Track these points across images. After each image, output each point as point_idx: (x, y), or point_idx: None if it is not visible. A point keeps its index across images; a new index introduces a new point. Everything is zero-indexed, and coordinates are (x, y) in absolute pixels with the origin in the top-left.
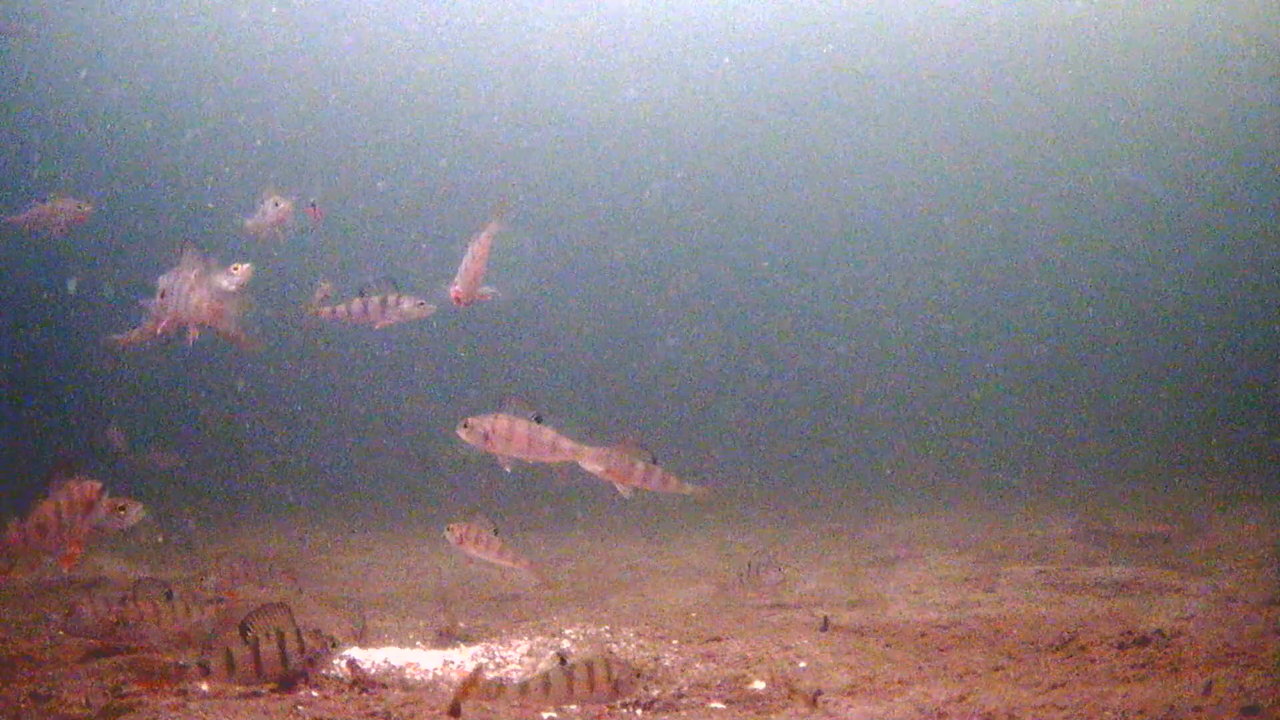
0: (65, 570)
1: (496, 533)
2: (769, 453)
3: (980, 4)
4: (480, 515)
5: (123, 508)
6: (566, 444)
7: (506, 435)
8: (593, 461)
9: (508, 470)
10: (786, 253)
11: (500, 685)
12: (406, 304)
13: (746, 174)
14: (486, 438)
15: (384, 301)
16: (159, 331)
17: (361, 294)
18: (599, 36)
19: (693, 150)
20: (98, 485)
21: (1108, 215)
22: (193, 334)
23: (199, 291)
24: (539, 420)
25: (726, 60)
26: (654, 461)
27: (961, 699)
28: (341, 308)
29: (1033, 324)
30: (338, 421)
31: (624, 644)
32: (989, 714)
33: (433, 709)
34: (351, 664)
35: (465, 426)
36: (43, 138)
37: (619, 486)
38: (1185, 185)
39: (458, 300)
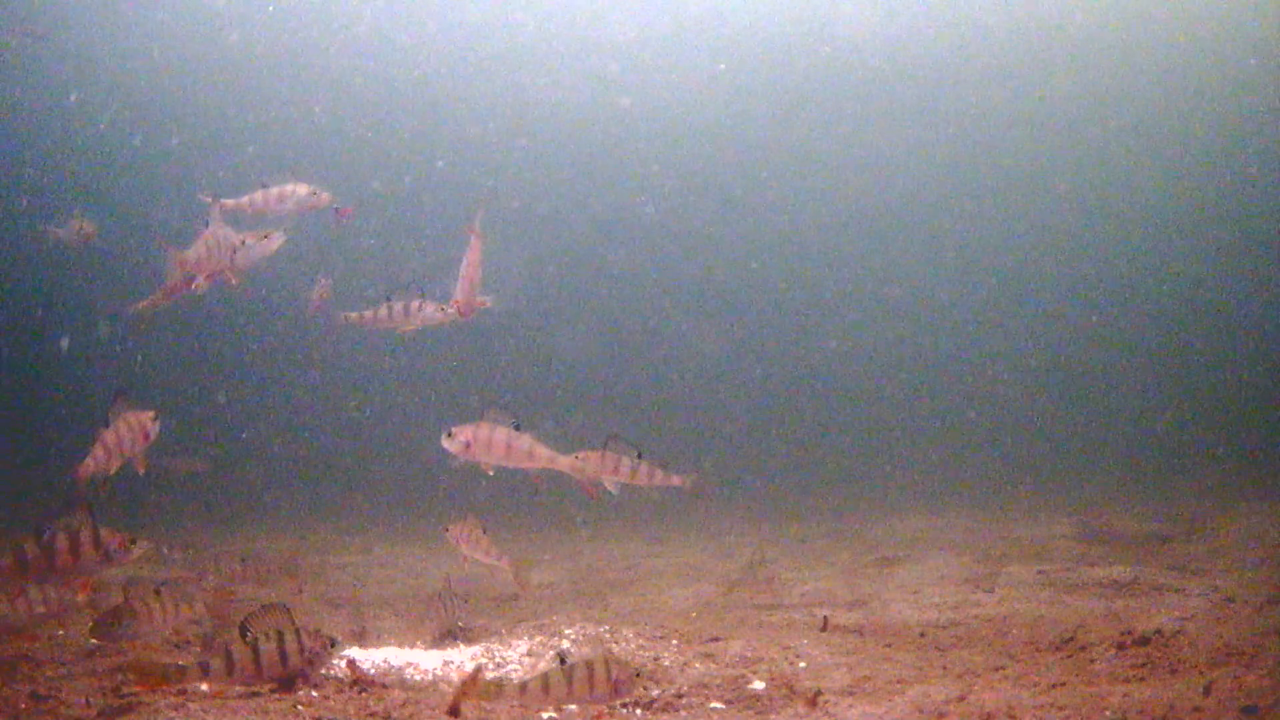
0: (80, 596)
1: (485, 532)
2: (769, 453)
3: (977, 6)
4: (472, 516)
5: (133, 540)
6: (543, 451)
7: (486, 443)
8: (567, 468)
9: (490, 474)
10: (785, 254)
11: (500, 685)
12: (429, 309)
13: (744, 178)
14: (468, 446)
15: (407, 307)
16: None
17: (390, 300)
18: (593, 45)
19: (688, 156)
20: (152, 414)
21: (1108, 215)
22: (201, 286)
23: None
24: (517, 428)
25: (722, 66)
26: (639, 457)
27: (961, 699)
28: (369, 313)
29: (1033, 324)
30: (338, 423)
31: (624, 644)
32: (989, 714)
33: (432, 709)
34: (351, 664)
35: (449, 436)
36: (33, 153)
37: (606, 483)
38: (1185, 185)
39: (459, 311)
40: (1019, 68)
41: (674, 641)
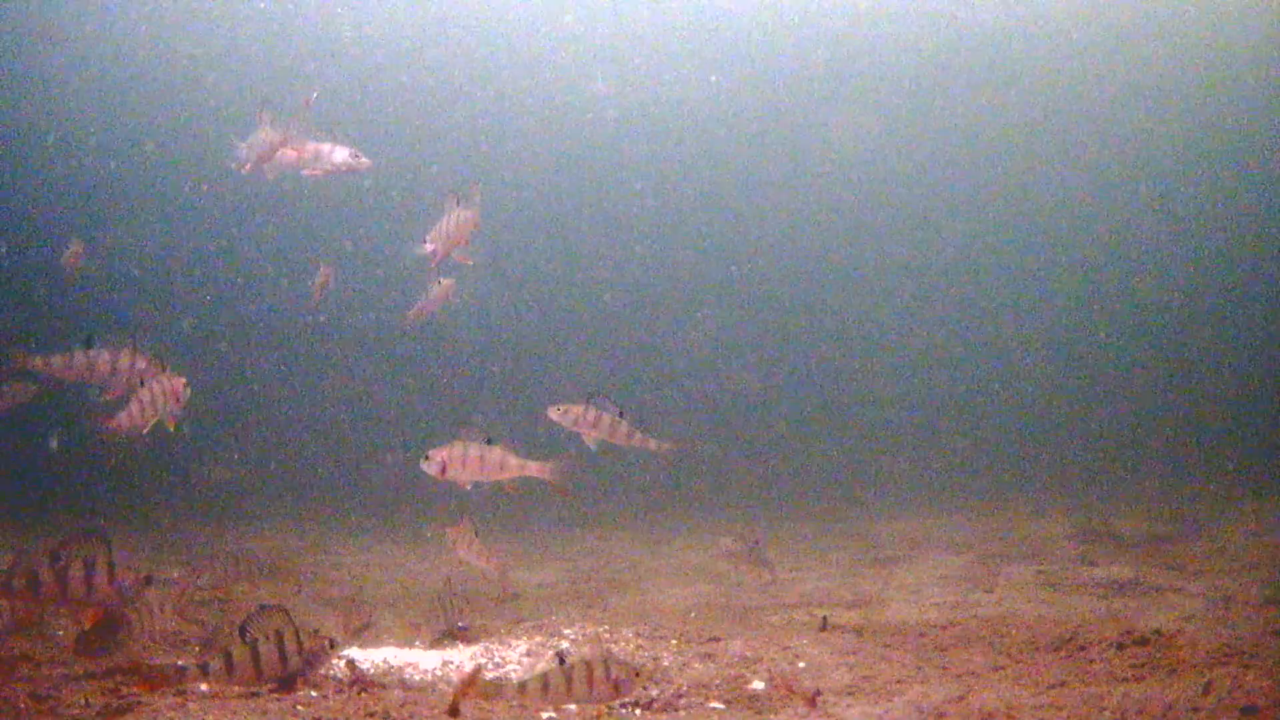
0: (86, 624)
1: (478, 534)
2: (769, 453)
3: (973, 6)
4: (468, 519)
5: (148, 579)
6: (514, 460)
7: (462, 461)
8: (538, 472)
9: (468, 489)
10: (785, 255)
11: (499, 685)
12: (436, 293)
13: (741, 179)
14: (444, 467)
15: (431, 293)
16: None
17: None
18: (584, 51)
19: (682, 159)
20: (183, 380)
21: (1108, 216)
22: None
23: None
24: (490, 442)
25: (714, 78)
26: (620, 416)
27: (960, 699)
28: (416, 311)
29: (1033, 325)
30: (336, 422)
31: (623, 644)
32: (988, 714)
33: (432, 709)
34: (351, 664)
35: (425, 459)
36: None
37: (586, 440)
38: (1184, 186)
39: (433, 258)
40: (1017, 69)
41: (673, 641)
